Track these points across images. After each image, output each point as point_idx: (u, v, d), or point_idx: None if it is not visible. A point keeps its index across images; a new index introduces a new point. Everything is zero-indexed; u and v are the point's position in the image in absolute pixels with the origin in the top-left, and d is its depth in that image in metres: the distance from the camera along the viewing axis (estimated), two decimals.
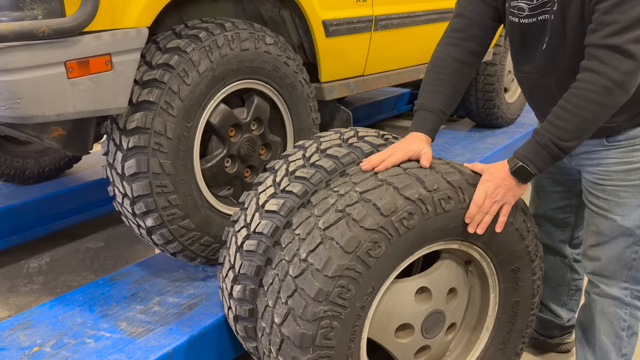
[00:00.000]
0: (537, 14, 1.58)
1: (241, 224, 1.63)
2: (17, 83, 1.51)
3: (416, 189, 1.44)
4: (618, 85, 1.40)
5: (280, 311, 1.43)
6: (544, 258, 2.13)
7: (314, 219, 1.46)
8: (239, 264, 1.58)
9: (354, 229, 1.38)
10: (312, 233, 1.43)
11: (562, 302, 2.18)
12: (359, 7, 2.56)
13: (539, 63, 1.66)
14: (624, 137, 1.64)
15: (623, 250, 1.71)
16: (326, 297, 1.36)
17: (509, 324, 1.77)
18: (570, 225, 2.06)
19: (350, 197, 1.45)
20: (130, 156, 1.79)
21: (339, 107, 2.65)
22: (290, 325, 1.40)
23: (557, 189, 1.98)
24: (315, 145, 1.69)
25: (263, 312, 1.51)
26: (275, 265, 1.49)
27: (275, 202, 1.56)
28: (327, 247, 1.38)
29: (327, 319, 1.38)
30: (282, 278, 1.45)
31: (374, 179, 1.49)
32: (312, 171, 1.58)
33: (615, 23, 1.39)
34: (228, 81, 1.97)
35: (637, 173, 1.65)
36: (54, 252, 3.05)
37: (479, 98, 4.00)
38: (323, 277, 1.36)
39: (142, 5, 1.73)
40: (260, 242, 1.54)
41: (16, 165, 3.15)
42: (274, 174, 1.67)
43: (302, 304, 1.38)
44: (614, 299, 1.77)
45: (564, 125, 1.45)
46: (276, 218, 1.54)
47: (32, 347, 1.74)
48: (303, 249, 1.42)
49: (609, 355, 1.80)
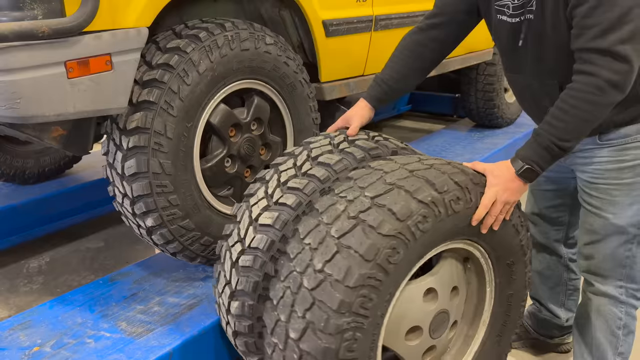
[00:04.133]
0: (520, 13, 1.60)
1: (235, 239, 1.57)
2: (17, 83, 1.51)
3: (428, 191, 1.42)
4: (613, 85, 1.42)
5: (297, 326, 1.36)
6: (540, 258, 2.15)
7: (324, 227, 1.40)
8: (236, 280, 1.52)
9: (371, 236, 1.34)
10: (325, 242, 1.37)
11: (561, 302, 2.18)
12: (359, 7, 2.56)
13: (524, 64, 1.68)
14: (615, 135, 1.65)
15: (616, 248, 1.72)
16: (349, 309, 1.31)
17: (504, 316, 1.78)
18: (564, 224, 2.07)
19: (362, 203, 1.40)
20: (130, 156, 1.79)
21: (339, 107, 2.65)
22: (310, 340, 1.33)
23: (552, 188, 1.98)
24: (305, 153, 1.65)
25: (274, 328, 1.43)
26: (285, 277, 1.42)
27: (269, 215, 1.51)
28: (345, 257, 1.33)
29: (350, 330, 1.32)
30: (295, 291, 1.38)
31: (382, 183, 1.45)
32: (305, 181, 1.53)
33: (596, 26, 1.41)
34: (228, 81, 1.97)
35: (630, 171, 1.66)
36: (54, 252, 3.05)
37: (479, 98, 4.01)
38: (344, 288, 1.30)
39: (142, 5, 1.73)
40: (256, 258, 1.48)
41: (16, 165, 3.15)
42: (265, 185, 1.62)
43: (324, 317, 1.31)
44: (609, 297, 1.77)
45: (563, 126, 1.46)
46: (271, 232, 1.48)
47: (32, 347, 1.74)
48: (317, 259, 1.36)
49: (605, 354, 1.81)
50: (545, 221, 2.08)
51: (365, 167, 1.56)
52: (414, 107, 5.21)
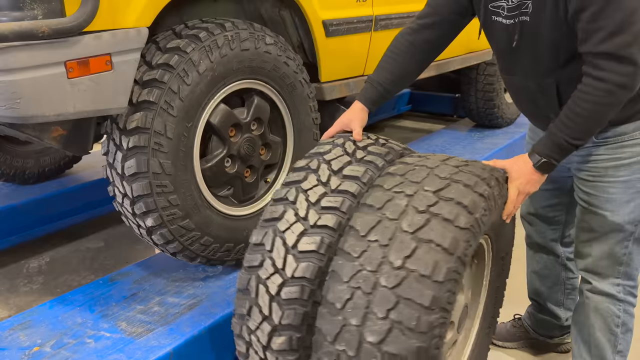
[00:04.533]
0: (515, 15, 1.60)
1: (270, 270, 1.44)
2: (17, 83, 1.51)
3: (483, 186, 1.43)
4: (621, 87, 1.45)
5: (378, 327, 1.26)
6: (537, 258, 2.17)
7: (390, 223, 1.34)
8: (279, 315, 1.40)
9: (450, 229, 1.31)
10: (397, 237, 1.31)
11: (559, 302, 2.19)
12: (359, 7, 2.56)
13: (519, 65, 1.70)
14: (612, 133, 1.67)
15: (614, 246, 1.73)
16: (438, 305, 1.25)
17: (493, 308, 1.81)
18: (561, 223, 2.08)
19: (426, 197, 1.37)
20: (130, 156, 1.79)
21: (339, 107, 2.65)
22: (397, 341, 1.24)
23: (549, 187, 1.99)
24: (325, 166, 1.55)
25: (337, 335, 1.30)
26: (350, 278, 1.32)
27: (310, 240, 1.41)
28: (427, 251, 1.28)
29: (438, 327, 1.26)
30: (368, 291, 1.29)
31: (436, 177, 1.43)
32: (340, 198, 1.45)
33: (601, 30, 1.43)
34: (228, 81, 1.97)
35: (626, 169, 1.67)
36: (54, 252, 3.05)
37: (479, 98, 4.01)
38: (432, 283, 1.25)
39: (142, 5, 1.73)
40: (304, 288, 1.38)
41: (16, 165, 3.15)
42: (291, 207, 1.49)
43: (414, 315, 1.24)
44: (606, 295, 1.78)
45: (576, 127, 1.52)
46: (316, 258, 1.39)
47: (32, 347, 1.74)
48: (394, 255, 1.29)
49: (604, 352, 1.81)
50: (542, 221, 2.09)
51: (389, 172, 1.52)
52: (414, 107, 5.21)
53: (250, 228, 2.16)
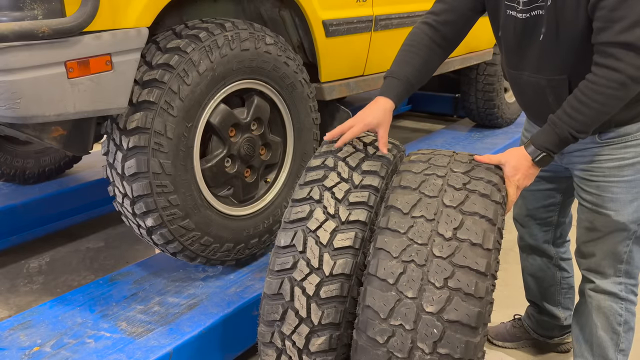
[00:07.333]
0: (531, 9, 1.58)
1: (305, 271, 1.43)
2: (17, 83, 1.51)
3: (496, 175, 1.53)
4: (635, 81, 1.44)
5: (437, 297, 1.28)
6: (531, 260, 2.17)
7: (432, 200, 1.40)
8: (318, 315, 1.41)
9: (489, 203, 1.39)
10: (443, 212, 1.38)
11: (557, 302, 2.18)
12: (359, 7, 2.56)
13: (531, 60, 1.67)
14: (615, 134, 1.66)
15: (617, 245, 1.73)
16: (490, 271, 1.31)
17: None
18: (553, 224, 2.08)
19: (457, 177, 1.46)
20: (130, 156, 1.79)
21: (339, 107, 2.65)
22: (459, 308, 1.26)
23: (543, 187, 1.99)
24: (342, 164, 1.56)
25: (391, 310, 1.30)
26: (400, 252, 1.34)
27: (345, 236, 1.43)
28: (474, 222, 1.35)
29: (489, 294, 1.31)
30: (421, 263, 1.31)
31: (462, 162, 1.56)
32: (366, 193, 1.49)
33: (623, 19, 1.40)
34: (228, 81, 1.97)
35: (630, 169, 1.66)
36: (54, 252, 3.05)
37: (479, 98, 4.01)
38: (484, 250, 1.32)
39: (142, 5, 1.73)
40: (343, 284, 1.40)
41: (16, 165, 3.15)
42: (319, 206, 1.49)
43: (473, 281, 1.28)
44: (609, 294, 1.78)
45: (583, 119, 1.49)
46: (351, 253, 1.42)
47: (32, 347, 1.74)
48: (443, 227, 1.34)
49: (606, 351, 1.81)
50: (535, 222, 2.08)
51: (411, 160, 1.58)
52: (414, 107, 5.21)
53: (251, 228, 2.17)
